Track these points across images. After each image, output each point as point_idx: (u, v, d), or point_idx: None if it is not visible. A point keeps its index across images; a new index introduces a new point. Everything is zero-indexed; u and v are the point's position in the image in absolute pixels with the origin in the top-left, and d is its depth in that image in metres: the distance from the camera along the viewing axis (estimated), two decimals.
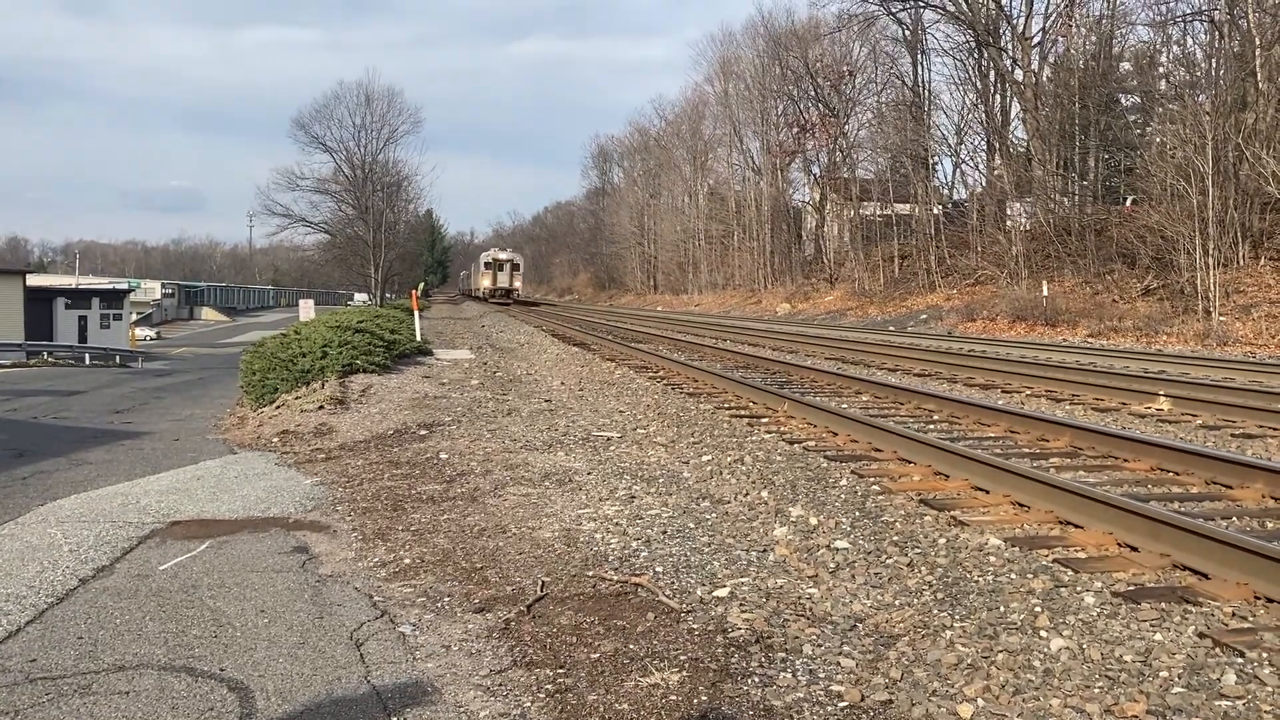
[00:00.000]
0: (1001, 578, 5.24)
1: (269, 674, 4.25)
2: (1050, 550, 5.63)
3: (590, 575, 5.64)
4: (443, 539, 6.60)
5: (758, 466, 8.35)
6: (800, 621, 4.82)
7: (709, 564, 5.78)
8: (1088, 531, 5.92)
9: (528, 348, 24.48)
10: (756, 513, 6.91)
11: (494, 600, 5.30)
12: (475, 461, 9.30)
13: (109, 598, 5.33)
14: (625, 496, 7.57)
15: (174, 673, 4.26)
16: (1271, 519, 6.28)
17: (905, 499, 6.99)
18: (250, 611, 5.11)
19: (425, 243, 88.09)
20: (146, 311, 75.75)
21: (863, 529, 6.33)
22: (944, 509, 6.61)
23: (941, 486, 7.34)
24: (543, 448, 9.94)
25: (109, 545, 6.39)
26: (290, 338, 16.94)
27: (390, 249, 63.35)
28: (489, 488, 8.14)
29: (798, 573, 5.58)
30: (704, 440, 9.84)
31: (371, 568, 5.98)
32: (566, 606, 5.17)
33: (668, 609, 5.06)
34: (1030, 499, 6.59)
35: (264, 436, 11.83)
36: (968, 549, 5.73)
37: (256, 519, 7.28)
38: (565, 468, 8.84)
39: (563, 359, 20.67)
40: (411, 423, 11.89)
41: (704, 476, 8.18)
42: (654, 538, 6.37)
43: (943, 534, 6.06)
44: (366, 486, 8.36)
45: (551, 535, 6.58)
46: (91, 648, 4.57)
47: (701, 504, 7.24)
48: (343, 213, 65.01)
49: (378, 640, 4.69)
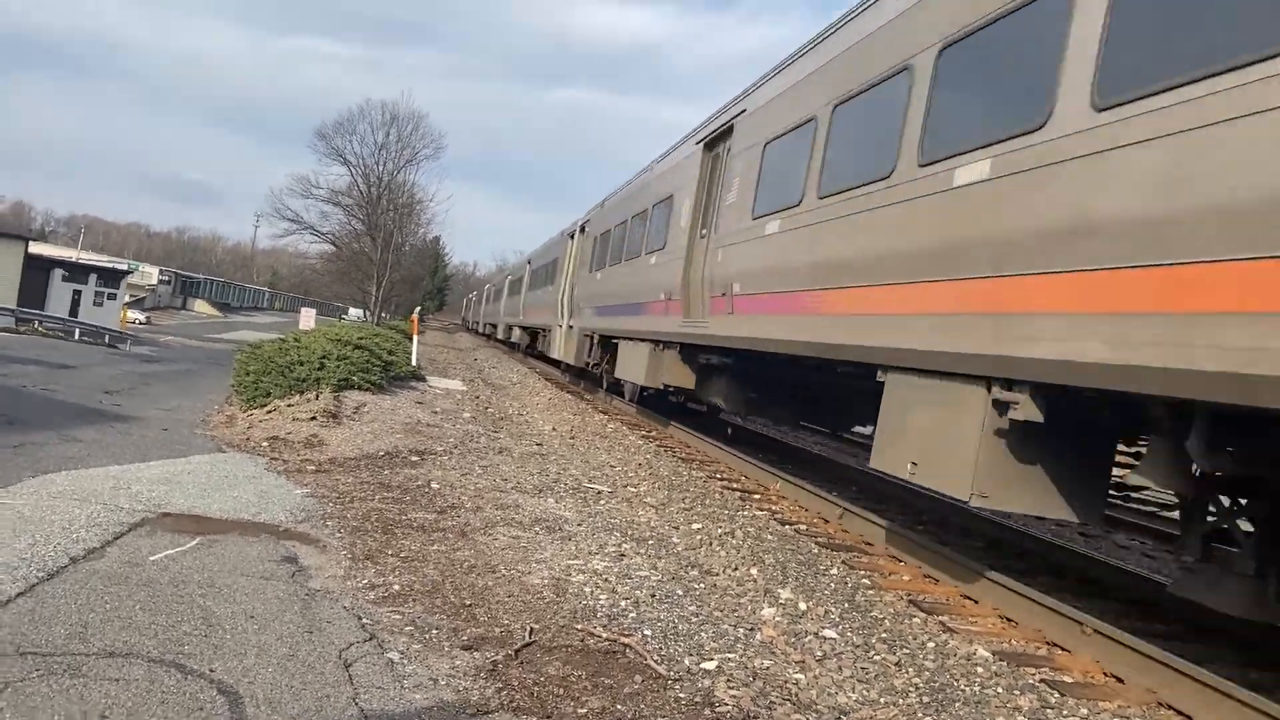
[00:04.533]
0: (989, 690, 5.26)
1: (259, 681, 4.23)
2: (1038, 669, 5.65)
3: (579, 628, 5.64)
4: (432, 570, 6.58)
5: (748, 543, 8.36)
6: (786, 706, 4.83)
7: (697, 634, 5.78)
8: (1075, 655, 5.95)
9: (520, 387, 24.48)
10: (745, 589, 6.92)
11: (482, 640, 5.29)
12: (466, 496, 9.28)
13: (100, 581, 5.30)
14: (615, 554, 7.56)
15: (164, 666, 4.24)
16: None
17: (895, 596, 7.01)
18: (240, 615, 5.09)
19: (428, 268, 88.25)
20: (141, 295, 75.58)
21: (851, 621, 6.35)
22: (933, 613, 6.63)
23: (931, 590, 7.37)
24: (533, 491, 9.93)
25: (100, 527, 6.35)
26: (289, 344, 16.92)
27: (394, 269, 63.48)
28: (479, 524, 8.13)
29: (785, 656, 5.59)
30: (694, 508, 9.85)
31: (360, 588, 5.96)
32: (554, 656, 5.16)
33: (655, 674, 5.06)
34: (1018, 615, 6.62)
35: (254, 439, 11.78)
36: (956, 656, 5.75)
37: (246, 522, 7.24)
38: (555, 515, 8.83)
39: (555, 404, 20.68)
40: (403, 447, 11.86)
41: (693, 545, 8.19)
42: (643, 599, 6.36)
43: (932, 638, 6.07)
44: (357, 505, 8.34)
45: (541, 582, 6.57)
46: (82, 629, 4.54)
47: (690, 572, 7.24)
48: (351, 226, 65.24)
49: (366, 663, 4.68)
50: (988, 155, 6.21)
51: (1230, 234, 4.25)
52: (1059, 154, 5.50)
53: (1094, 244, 5.13)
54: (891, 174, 7.50)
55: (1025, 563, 8.32)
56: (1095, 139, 5.22)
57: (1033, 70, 5.91)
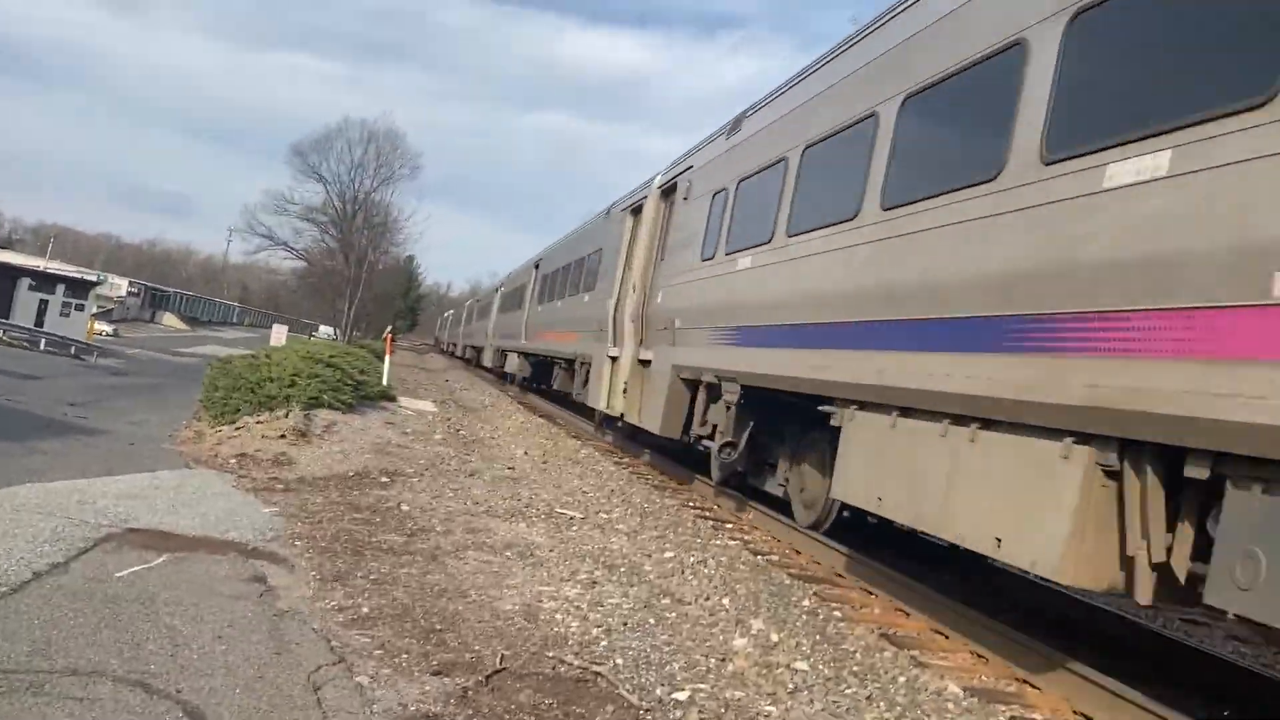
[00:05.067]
0: None
1: (225, 703, 4.16)
2: (1008, 706, 5.66)
3: (550, 656, 5.59)
4: (402, 593, 6.51)
5: (720, 572, 8.34)
6: None
7: (669, 664, 5.75)
8: (1044, 693, 5.97)
9: (492, 410, 24.38)
10: (717, 619, 6.89)
11: (452, 665, 5.24)
12: (437, 519, 9.21)
13: (64, 596, 5.21)
14: (587, 580, 7.52)
15: (129, 686, 4.16)
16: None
17: (866, 629, 7.01)
18: (207, 635, 5.01)
19: (401, 287, 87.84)
20: (109, 307, 74.54)
21: (823, 654, 6.34)
22: (904, 647, 6.64)
23: (903, 624, 7.38)
24: (505, 515, 9.87)
25: (65, 542, 6.25)
26: (260, 361, 16.76)
27: (366, 288, 63.19)
28: (450, 548, 8.06)
29: (756, 688, 5.56)
30: (667, 536, 9.82)
31: (329, 610, 5.89)
32: (526, 684, 5.11)
33: (627, 704, 5.02)
34: (989, 650, 6.63)
35: (221, 456, 11.64)
36: (927, 691, 5.75)
37: (214, 540, 7.15)
38: (527, 540, 8.78)
39: (527, 428, 20.60)
40: (373, 468, 11.77)
41: (665, 573, 8.16)
42: (615, 627, 6.33)
43: (903, 672, 6.07)
44: (326, 526, 8.25)
45: (512, 608, 6.52)
46: (45, 646, 4.46)
47: (662, 601, 7.21)
48: (324, 243, 64.92)
49: (335, 687, 4.62)
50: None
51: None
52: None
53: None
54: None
55: (998, 600, 8.34)
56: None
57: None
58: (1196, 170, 4.54)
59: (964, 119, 6.99)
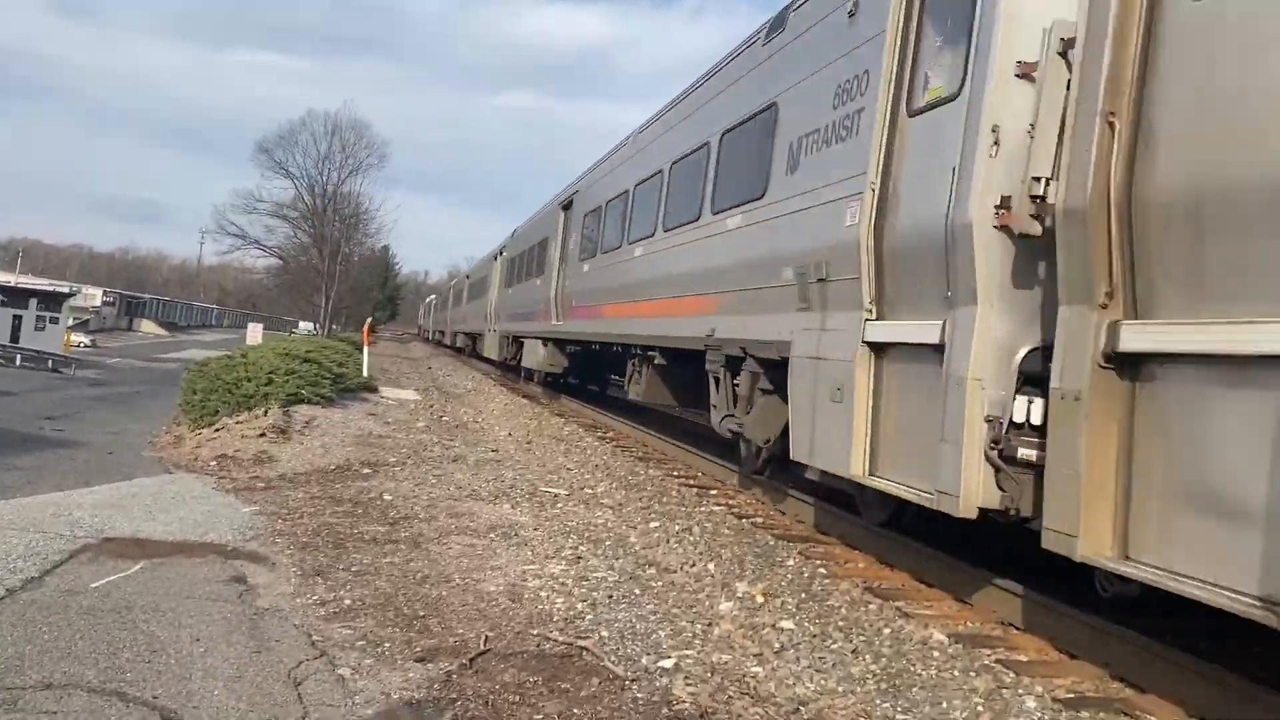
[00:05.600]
0: (945, 673, 5.28)
1: (204, 705, 4.14)
2: (993, 650, 5.69)
3: (535, 634, 5.58)
4: (384, 582, 6.49)
5: (705, 538, 8.35)
6: (744, 700, 4.81)
7: (654, 633, 5.75)
8: (1029, 635, 6.00)
9: (475, 394, 24.31)
10: (703, 584, 6.90)
11: (436, 650, 5.22)
12: (420, 506, 9.18)
13: (37, 611, 5.16)
14: (571, 556, 7.52)
15: (104, 696, 4.13)
16: None
17: (850, 584, 7.03)
18: (185, 638, 4.98)
19: (377, 278, 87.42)
20: (85, 318, 73.95)
21: (808, 611, 6.35)
22: (888, 599, 6.66)
23: (886, 576, 7.41)
24: (489, 498, 9.85)
25: (39, 557, 6.19)
26: (236, 361, 16.64)
27: (342, 280, 62.88)
28: (433, 534, 8.04)
29: (743, 650, 5.57)
30: (652, 506, 9.83)
31: (310, 605, 5.86)
32: (510, 664, 5.10)
33: (613, 675, 5.02)
34: (973, 596, 6.67)
35: (202, 459, 11.57)
36: (912, 641, 5.77)
37: (193, 543, 7.10)
38: (511, 521, 8.76)
39: (511, 409, 20.56)
40: (355, 460, 11.72)
41: (651, 543, 8.16)
42: (600, 601, 6.32)
43: (887, 624, 6.10)
44: (307, 521, 8.21)
45: (496, 589, 6.50)
46: (18, 662, 4.41)
47: (648, 570, 7.21)
48: (297, 239, 64.54)
49: (316, 680, 4.59)
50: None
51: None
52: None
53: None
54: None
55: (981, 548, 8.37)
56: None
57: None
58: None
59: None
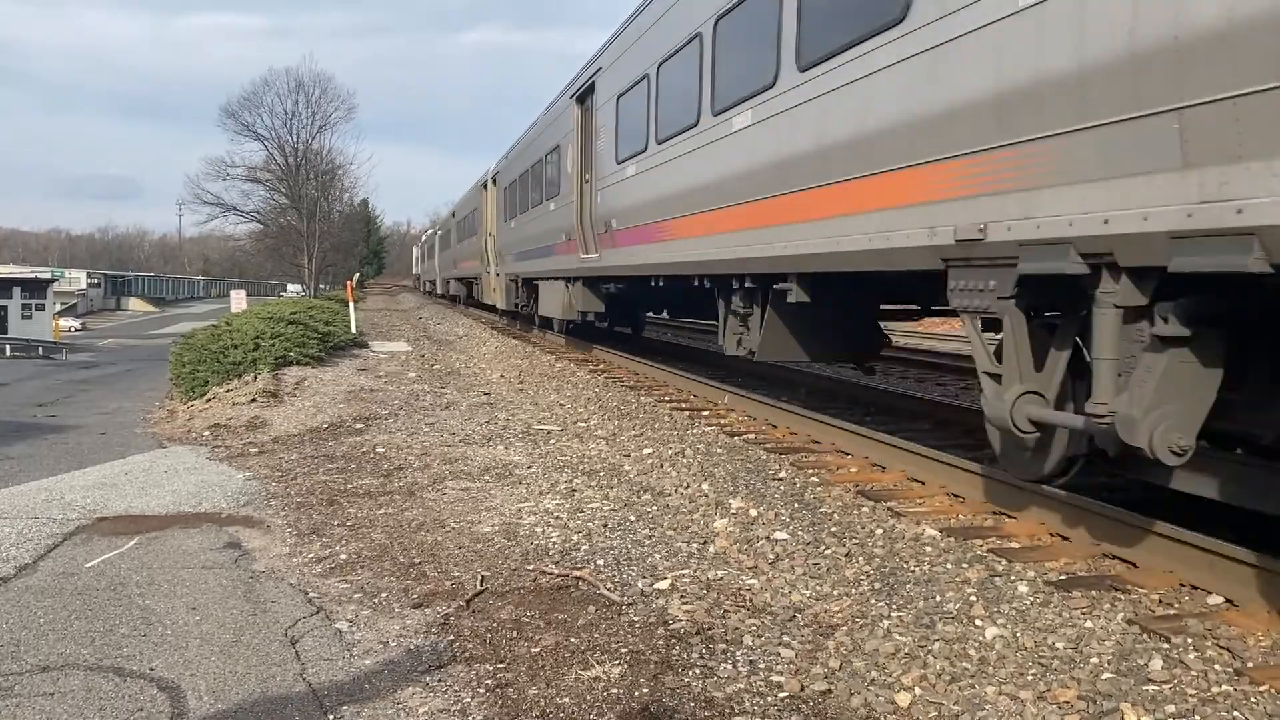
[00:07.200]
0: (937, 568, 5.32)
1: (201, 672, 4.16)
2: (985, 540, 5.72)
3: (530, 569, 5.61)
4: (380, 534, 6.51)
5: (698, 459, 8.37)
6: (740, 613, 4.84)
7: (650, 556, 5.78)
8: (1021, 521, 6.03)
9: (466, 340, 24.28)
10: (697, 505, 6.93)
11: (433, 595, 5.24)
12: (413, 455, 9.19)
13: (32, 596, 5.17)
14: (566, 490, 7.54)
15: (101, 673, 4.15)
16: None
17: (843, 490, 7.06)
18: (181, 609, 4.99)
19: (360, 233, 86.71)
20: (71, 302, 73.68)
21: (801, 520, 6.39)
22: (880, 500, 6.69)
23: (879, 478, 7.44)
24: (482, 441, 9.86)
25: (32, 542, 6.19)
26: (221, 329, 16.61)
27: (324, 239, 62.39)
28: (427, 482, 8.05)
29: (738, 564, 5.61)
30: (645, 433, 9.84)
31: (306, 563, 5.88)
32: (507, 601, 5.13)
33: (608, 602, 5.05)
34: (965, 490, 6.70)
35: (195, 430, 11.57)
36: (904, 539, 5.81)
37: (187, 514, 7.11)
38: (505, 461, 8.78)
39: (502, 351, 20.54)
40: (347, 416, 11.71)
41: (645, 470, 8.18)
42: (595, 531, 6.35)
43: (880, 525, 6.13)
44: (301, 481, 8.22)
45: (491, 529, 6.53)
46: (14, 648, 4.43)
47: (643, 497, 7.24)
48: (275, 202, 63.86)
49: (313, 637, 4.62)
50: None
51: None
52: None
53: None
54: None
55: (971, 441, 8.40)
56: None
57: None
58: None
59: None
